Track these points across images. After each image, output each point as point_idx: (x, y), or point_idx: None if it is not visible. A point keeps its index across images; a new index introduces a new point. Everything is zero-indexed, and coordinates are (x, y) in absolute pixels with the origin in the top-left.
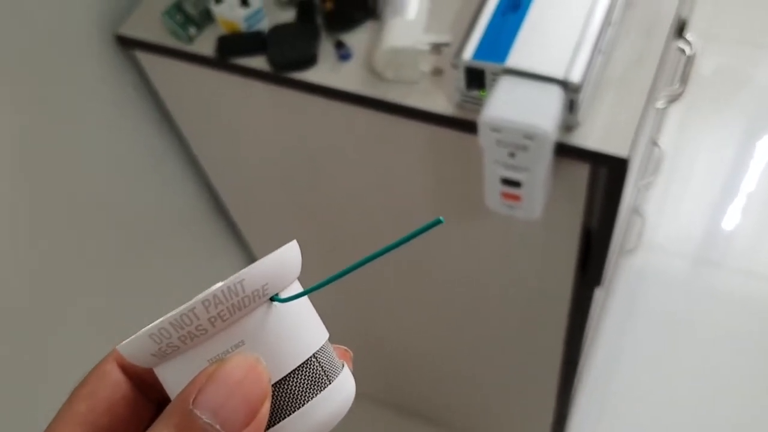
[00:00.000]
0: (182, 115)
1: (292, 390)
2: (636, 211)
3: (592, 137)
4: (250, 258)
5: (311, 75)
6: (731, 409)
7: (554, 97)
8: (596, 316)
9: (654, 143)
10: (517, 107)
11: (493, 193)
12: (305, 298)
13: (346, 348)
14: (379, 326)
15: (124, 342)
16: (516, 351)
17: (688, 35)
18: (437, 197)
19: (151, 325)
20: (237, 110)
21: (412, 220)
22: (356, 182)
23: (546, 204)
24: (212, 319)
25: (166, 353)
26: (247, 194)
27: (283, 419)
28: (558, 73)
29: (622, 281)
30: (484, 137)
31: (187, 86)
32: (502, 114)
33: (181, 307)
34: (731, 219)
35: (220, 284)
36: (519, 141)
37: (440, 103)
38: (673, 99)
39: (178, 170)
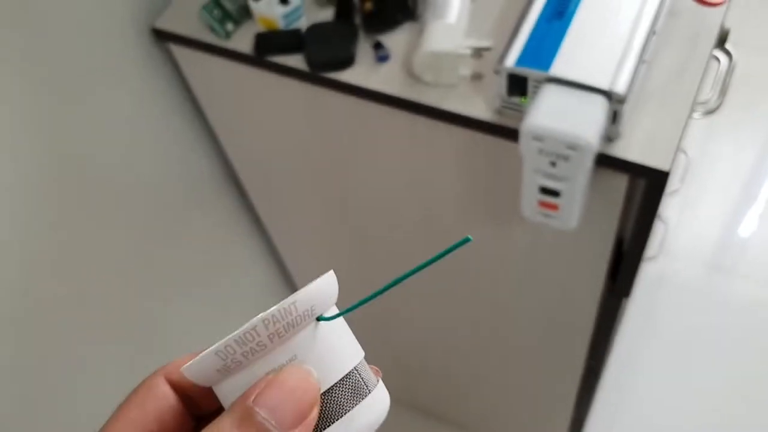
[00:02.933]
0: (214, 110)
1: (337, 399)
2: (659, 217)
3: (632, 149)
4: (274, 252)
5: (348, 75)
6: (748, 417)
7: (598, 107)
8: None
9: (681, 150)
10: (561, 117)
11: (530, 201)
12: (343, 322)
13: (377, 368)
14: (401, 329)
15: (190, 362)
16: (538, 357)
17: (729, 45)
18: (470, 202)
19: (215, 344)
20: (270, 108)
21: (443, 225)
22: (388, 184)
23: (582, 213)
24: (271, 336)
25: (230, 369)
26: (276, 192)
27: (329, 425)
28: (603, 83)
29: (640, 287)
30: (526, 145)
31: (221, 81)
32: (546, 123)
33: (245, 326)
34: (749, 227)
35: (275, 306)
36: (561, 151)
37: (479, 108)
38: (711, 111)
39: (206, 164)
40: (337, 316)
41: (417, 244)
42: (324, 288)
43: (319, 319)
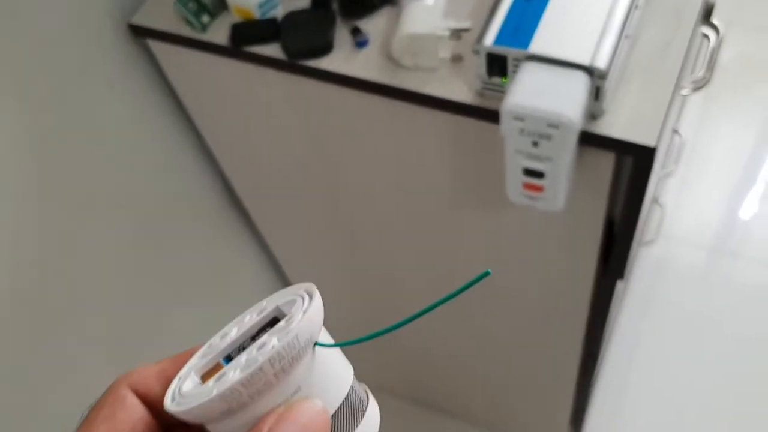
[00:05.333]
0: (195, 105)
1: (341, 423)
2: (655, 201)
3: (617, 126)
4: (265, 249)
5: (326, 63)
6: (751, 398)
7: (580, 84)
8: (615, 308)
9: (675, 131)
10: (541, 95)
11: (514, 183)
12: (330, 338)
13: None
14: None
15: (189, 405)
16: (535, 344)
17: (715, 20)
18: (456, 187)
19: (219, 388)
20: (251, 99)
21: (431, 212)
22: (373, 172)
23: (569, 195)
24: (276, 374)
25: (233, 411)
26: (262, 184)
27: None
28: (583, 59)
29: (640, 272)
30: (507, 126)
31: (201, 75)
32: (526, 102)
33: (252, 368)
34: (749, 208)
35: (276, 342)
36: (543, 130)
37: (460, 90)
38: (699, 87)
39: (191, 160)
40: (333, 346)
41: (407, 232)
42: (318, 312)
43: (316, 344)
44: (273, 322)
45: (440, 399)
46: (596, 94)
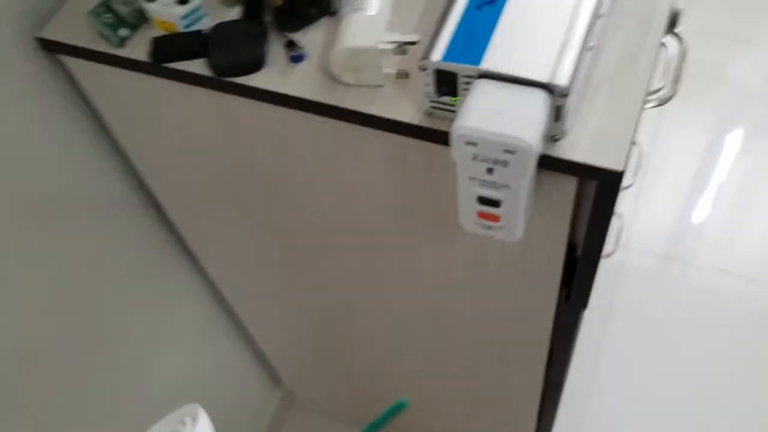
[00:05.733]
0: (120, 126)
1: None
2: (614, 213)
3: (580, 148)
4: (203, 275)
5: (258, 80)
6: (710, 403)
7: (538, 104)
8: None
9: (633, 142)
10: (495, 117)
11: (468, 212)
12: None
13: None
14: (350, 345)
15: None
16: (494, 375)
17: (679, 29)
18: (406, 215)
19: None
20: (178, 120)
21: (379, 241)
22: (314, 198)
23: (528, 222)
24: None
25: None
26: (197, 210)
27: None
28: (542, 75)
29: (599, 282)
30: (458, 151)
31: (123, 94)
32: (478, 125)
33: None
34: (702, 215)
35: None
36: (498, 155)
37: (407, 110)
38: (664, 101)
39: (117, 185)
40: None
41: (356, 260)
42: None
43: None
44: None
45: (397, 424)
46: (557, 114)
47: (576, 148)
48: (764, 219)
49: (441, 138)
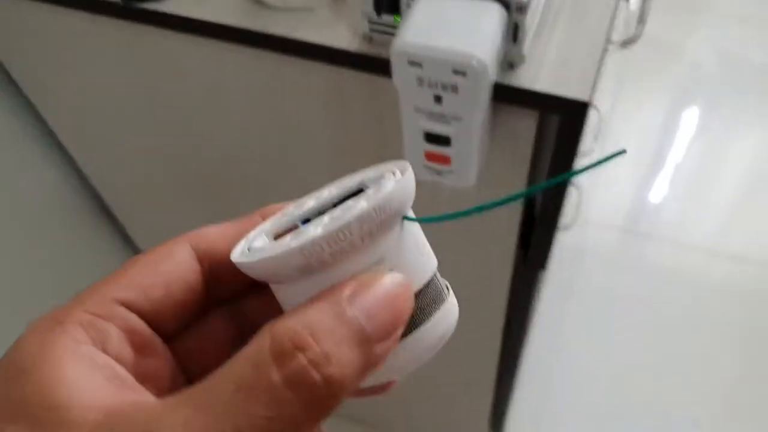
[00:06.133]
0: (20, 68)
1: (422, 305)
2: (572, 183)
3: (541, 77)
4: (122, 233)
5: (172, 5)
6: (670, 381)
7: (493, 19)
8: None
9: (594, 107)
10: (443, 32)
11: (414, 153)
12: (419, 225)
13: None
14: None
15: (264, 255)
16: (448, 346)
17: None
18: (346, 158)
19: (296, 240)
20: (86, 55)
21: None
22: (242, 142)
23: (482, 167)
24: (363, 236)
25: (310, 268)
26: (113, 160)
27: (413, 331)
28: None
29: (558, 257)
30: (400, 74)
31: (22, 29)
32: (423, 41)
33: (338, 223)
34: (662, 190)
35: (364, 202)
36: (446, 78)
37: (343, 35)
38: (630, 41)
39: (22, 135)
40: (424, 220)
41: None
42: (411, 183)
43: (404, 218)
44: (357, 194)
45: (349, 407)
46: (514, 33)
47: (536, 77)
48: (723, 193)
49: (382, 67)
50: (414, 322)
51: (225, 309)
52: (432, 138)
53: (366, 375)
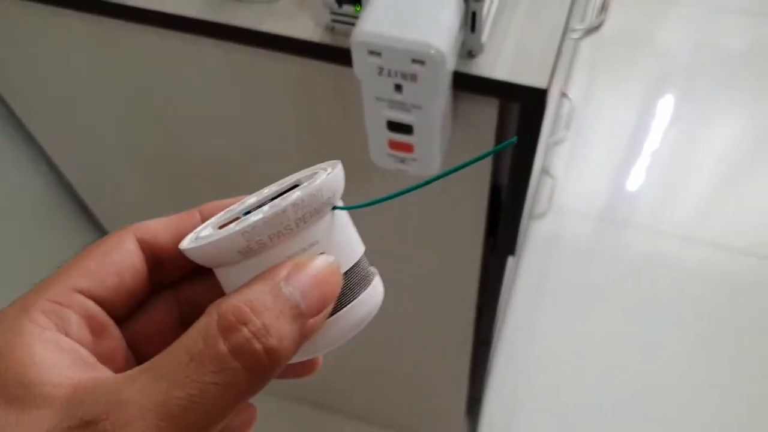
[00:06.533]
0: None
1: (349, 285)
2: (546, 171)
3: (500, 65)
4: (93, 222)
5: None
6: (645, 368)
7: (449, 8)
8: (508, 287)
9: (564, 95)
10: (402, 21)
11: (378, 142)
12: (347, 214)
13: None
14: None
15: (210, 240)
16: (422, 331)
17: None
18: (313, 151)
19: (238, 224)
20: (52, 51)
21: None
22: (211, 133)
23: (445, 156)
24: (298, 221)
25: (250, 251)
26: (87, 157)
27: (340, 309)
28: None
29: (532, 247)
30: (361, 64)
31: None
32: (381, 30)
33: (276, 209)
34: (637, 178)
35: (299, 192)
36: (406, 67)
37: (306, 26)
38: (592, 30)
39: (6, 144)
40: (351, 208)
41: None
42: (340, 176)
43: (335, 208)
44: (294, 189)
45: (325, 396)
46: (472, 22)
47: (495, 66)
48: (698, 181)
49: (345, 57)
50: (341, 302)
51: (166, 294)
52: (394, 126)
53: (300, 347)
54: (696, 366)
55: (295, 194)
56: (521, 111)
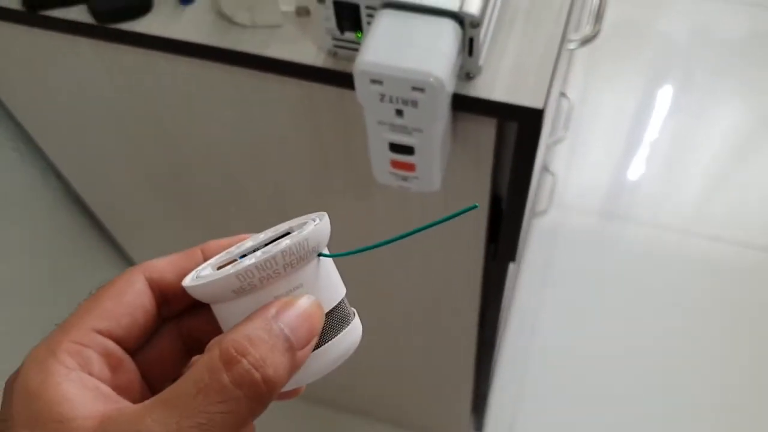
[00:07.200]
0: (4, 88)
1: (331, 323)
2: (546, 169)
3: (498, 86)
4: (115, 246)
5: (145, 25)
6: (648, 360)
7: (448, 35)
8: (512, 284)
9: (562, 94)
10: (401, 50)
11: (380, 162)
12: (331, 260)
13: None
14: None
15: (208, 279)
16: (428, 335)
17: None
18: (319, 170)
19: (233, 267)
20: (64, 75)
21: (292, 196)
22: (220, 156)
23: (446, 172)
24: (285, 266)
25: (243, 290)
26: (98, 177)
27: (323, 345)
28: (451, 4)
29: (535, 242)
30: (363, 92)
31: (4, 50)
32: (382, 60)
33: (266, 255)
34: (637, 172)
35: (288, 240)
36: (406, 94)
37: (309, 51)
38: (587, 40)
39: (15, 156)
40: (335, 255)
41: (266, 221)
42: (326, 228)
43: (320, 255)
44: (286, 235)
45: (336, 395)
46: (470, 47)
47: (493, 87)
48: (698, 173)
49: (347, 81)
50: (324, 338)
51: (170, 325)
52: (396, 148)
53: (291, 376)
54: (699, 357)
55: (285, 242)
56: (519, 129)
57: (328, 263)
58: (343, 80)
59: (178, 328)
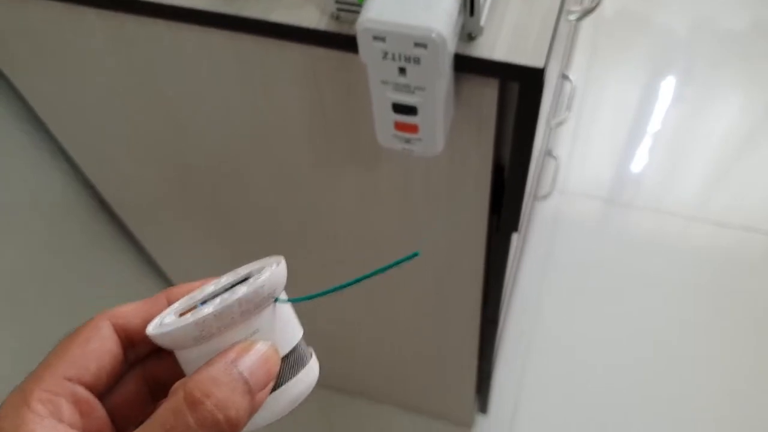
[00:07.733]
0: (11, 67)
1: (287, 366)
2: (549, 153)
3: (499, 47)
4: (122, 228)
5: None
6: (651, 346)
7: None
8: (514, 268)
9: (565, 77)
10: (404, 7)
11: (384, 124)
12: (289, 304)
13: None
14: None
15: (169, 328)
16: (431, 312)
17: None
18: (324, 138)
19: (193, 316)
20: (70, 50)
21: (296, 166)
22: (220, 120)
23: (449, 134)
24: (242, 313)
25: (202, 337)
26: (103, 154)
27: (281, 386)
28: None
29: (538, 228)
30: (366, 50)
31: (10, 27)
32: (385, 16)
33: (223, 304)
34: (640, 159)
35: (244, 288)
36: (409, 51)
37: (311, 15)
38: (589, 11)
39: (26, 140)
40: (292, 300)
41: (274, 194)
42: (282, 274)
43: (276, 300)
44: (245, 281)
45: (334, 376)
46: (471, 6)
47: (494, 47)
48: (701, 160)
49: (350, 44)
50: (281, 380)
51: (136, 369)
52: (399, 108)
53: (250, 417)
54: (703, 343)
55: (242, 290)
56: (520, 90)
57: (286, 307)
58: (346, 43)
59: (143, 372)
